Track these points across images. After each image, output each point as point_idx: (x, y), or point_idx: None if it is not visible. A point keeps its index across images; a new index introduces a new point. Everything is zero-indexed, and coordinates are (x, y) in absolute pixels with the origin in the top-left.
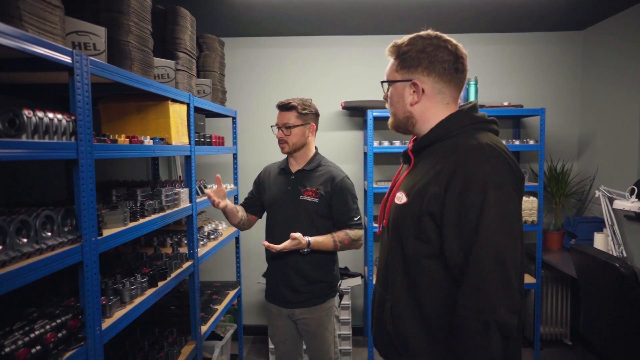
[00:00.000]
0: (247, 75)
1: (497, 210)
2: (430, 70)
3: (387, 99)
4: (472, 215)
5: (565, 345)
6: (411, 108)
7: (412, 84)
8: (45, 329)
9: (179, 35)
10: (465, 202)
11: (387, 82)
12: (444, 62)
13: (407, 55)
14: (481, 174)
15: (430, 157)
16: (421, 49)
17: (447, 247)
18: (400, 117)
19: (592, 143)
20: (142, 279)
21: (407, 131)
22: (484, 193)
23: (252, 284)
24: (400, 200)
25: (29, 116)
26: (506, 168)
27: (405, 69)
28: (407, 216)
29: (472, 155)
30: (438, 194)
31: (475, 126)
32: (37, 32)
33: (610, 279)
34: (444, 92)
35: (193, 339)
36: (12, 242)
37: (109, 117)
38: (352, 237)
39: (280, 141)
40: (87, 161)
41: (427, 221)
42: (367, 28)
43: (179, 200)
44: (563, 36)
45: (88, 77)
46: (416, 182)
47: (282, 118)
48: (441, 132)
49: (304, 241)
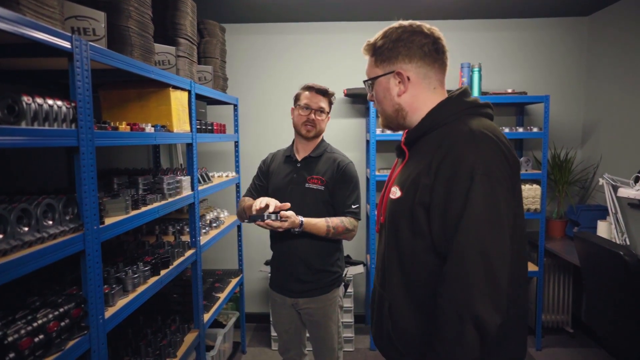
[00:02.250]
0: (249, 62)
1: (483, 198)
2: (411, 56)
3: (372, 100)
4: (457, 203)
5: (567, 333)
6: (399, 99)
7: (395, 74)
8: (47, 318)
9: (180, 21)
10: (451, 190)
11: (370, 80)
12: (423, 45)
13: (384, 47)
14: (469, 160)
15: (422, 149)
16: (396, 38)
17: (435, 237)
18: (390, 112)
19: (596, 130)
20: (145, 268)
21: (399, 126)
22: (471, 180)
23: (254, 272)
24: (395, 194)
25: (28, 102)
26: (497, 154)
27: (386, 62)
28: (402, 210)
29: (461, 142)
30: (428, 184)
31: (467, 112)
32: (35, 17)
33: (614, 267)
34: (429, 76)
35: (196, 327)
36: (13, 230)
37: (109, 104)
38: (347, 225)
39: (307, 122)
40: (88, 149)
41: (421, 213)
42: (370, 14)
43: (180, 189)
44: (568, 22)
45: (88, 63)
46: (409, 175)
47: (318, 101)
48: (431, 122)
49: (297, 220)
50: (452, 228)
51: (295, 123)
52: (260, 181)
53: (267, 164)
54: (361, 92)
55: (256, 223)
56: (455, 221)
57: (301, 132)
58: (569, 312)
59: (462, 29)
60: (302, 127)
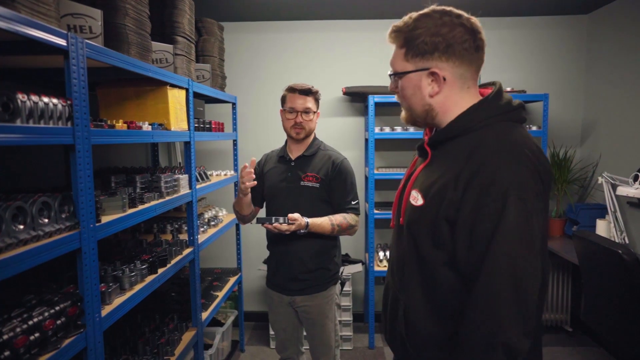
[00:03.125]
0: (247, 61)
1: (517, 222)
2: (449, 54)
3: (395, 92)
4: (487, 225)
5: (566, 332)
6: (431, 100)
7: (430, 73)
8: (43, 316)
9: (178, 19)
10: (481, 210)
11: (398, 74)
12: (464, 42)
13: (419, 40)
14: (503, 179)
15: (449, 154)
16: (435, 32)
17: (459, 256)
18: (419, 111)
19: (595, 129)
20: (142, 266)
21: (426, 124)
22: (504, 202)
23: (252, 270)
24: (417, 201)
25: (23, 100)
26: (532, 173)
27: (419, 57)
28: (423, 220)
29: (494, 158)
30: (455, 198)
31: (500, 117)
32: (30, 14)
33: (612, 265)
34: (465, 76)
35: (194, 326)
36: (8, 228)
37: (107, 103)
38: (350, 221)
39: (296, 126)
40: (84, 146)
41: (444, 228)
42: (369, 12)
43: (178, 187)
44: (567, 20)
45: (84, 61)
46: (433, 183)
47: (303, 102)
48: (462, 127)
49: (303, 222)
50: (481, 251)
51: (285, 127)
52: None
53: (260, 165)
54: (360, 91)
55: (264, 225)
56: (485, 244)
57: (291, 135)
58: (568, 311)
59: None
60: (291, 131)
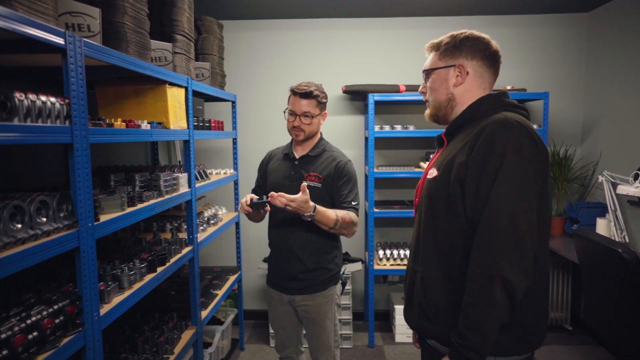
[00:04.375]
0: (247, 59)
1: (513, 172)
2: (473, 54)
3: (424, 91)
4: (489, 176)
5: (566, 330)
6: (454, 89)
7: (457, 66)
8: (42, 315)
9: (177, 17)
10: (485, 165)
11: (431, 69)
12: (485, 48)
13: (450, 44)
14: (501, 140)
15: (459, 136)
16: (462, 39)
17: (468, 209)
18: (442, 99)
19: (595, 128)
20: (141, 265)
21: (445, 117)
22: (503, 157)
23: (252, 269)
24: (432, 175)
25: (20, 99)
26: (527, 138)
27: (449, 56)
28: (439, 187)
29: (496, 126)
30: (464, 161)
31: (504, 108)
32: (27, 12)
33: (613, 264)
34: (484, 76)
35: (193, 324)
36: (6, 227)
37: (105, 101)
38: (352, 218)
39: (295, 128)
40: (82, 145)
41: (457, 188)
42: (369, 10)
43: (177, 186)
44: (567, 18)
45: (82, 60)
46: (446, 157)
47: (302, 106)
48: (471, 114)
49: (311, 204)
50: (484, 198)
51: (287, 128)
52: (258, 181)
53: (264, 163)
54: (360, 89)
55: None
56: (487, 192)
57: (292, 136)
58: (568, 309)
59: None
60: (291, 132)
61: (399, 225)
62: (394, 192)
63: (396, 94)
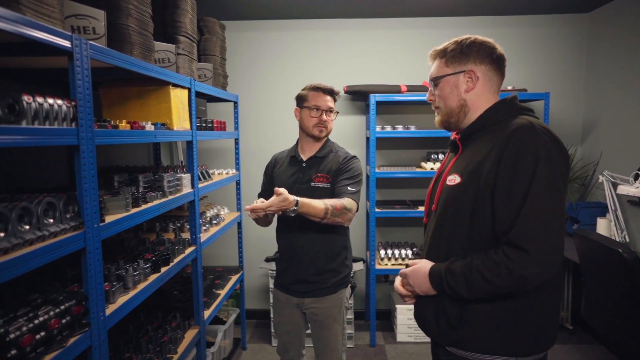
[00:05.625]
0: (249, 60)
1: (547, 180)
2: (482, 58)
3: (432, 99)
4: (523, 184)
5: (566, 330)
6: (466, 95)
7: (467, 72)
8: (49, 315)
9: (180, 19)
10: (517, 172)
11: (439, 77)
12: (492, 52)
13: (456, 50)
14: (533, 146)
15: (479, 141)
16: (468, 44)
17: (498, 216)
18: (454, 106)
19: (596, 127)
20: (145, 265)
21: (457, 123)
22: (536, 164)
23: (254, 268)
24: (454, 181)
25: (28, 102)
26: (555, 144)
27: (457, 62)
28: (462, 195)
29: (523, 131)
30: (492, 169)
31: (519, 113)
32: (35, 16)
33: (613, 264)
34: (493, 80)
35: (196, 324)
36: (14, 229)
37: (109, 102)
38: (345, 203)
39: (319, 124)
40: (88, 147)
41: (486, 196)
42: (370, 11)
43: (180, 186)
44: (568, 19)
45: (88, 62)
46: (468, 164)
47: (328, 102)
48: (488, 119)
49: (291, 198)
50: (518, 204)
51: (306, 125)
52: (264, 186)
53: (270, 167)
54: (361, 89)
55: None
56: (522, 196)
57: (313, 133)
58: (569, 309)
59: (462, 26)
60: (314, 129)
61: (400, 225)
62: (396, 192)
63: (397, 95)
